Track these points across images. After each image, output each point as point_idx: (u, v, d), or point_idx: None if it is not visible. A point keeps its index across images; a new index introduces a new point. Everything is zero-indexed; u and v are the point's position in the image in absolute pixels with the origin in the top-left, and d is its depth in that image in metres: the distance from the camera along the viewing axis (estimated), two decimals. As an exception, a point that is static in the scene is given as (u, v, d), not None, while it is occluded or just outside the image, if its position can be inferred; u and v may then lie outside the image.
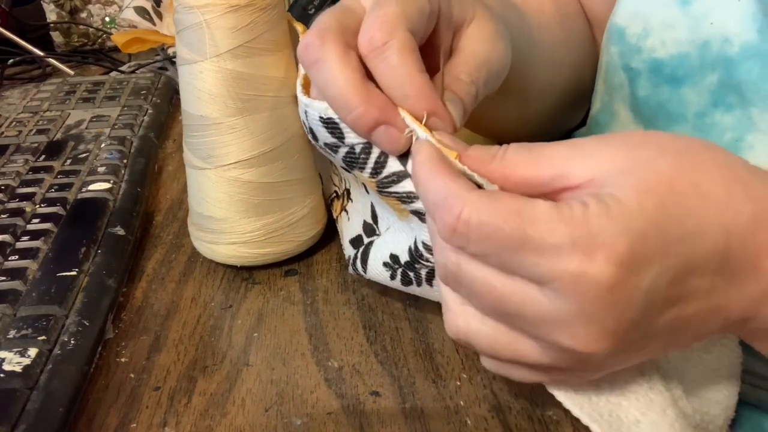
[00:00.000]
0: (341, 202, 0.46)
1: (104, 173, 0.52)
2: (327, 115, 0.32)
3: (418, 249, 0.34)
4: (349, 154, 0.33)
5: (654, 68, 0.44)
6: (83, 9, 0.96)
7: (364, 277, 0.40)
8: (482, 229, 0.25)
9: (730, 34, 0.39)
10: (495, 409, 0.33)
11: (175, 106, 0.72)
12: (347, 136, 0.32)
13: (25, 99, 0.71)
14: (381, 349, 0.37)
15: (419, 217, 0.32)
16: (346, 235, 0.43)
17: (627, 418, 0.30)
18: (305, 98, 0.33)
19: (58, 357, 0.34)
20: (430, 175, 0.27)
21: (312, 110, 0.33)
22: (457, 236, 0.26)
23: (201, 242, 0.44)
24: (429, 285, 0.36)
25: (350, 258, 0.41)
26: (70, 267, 0.40)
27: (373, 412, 0.33)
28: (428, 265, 0.34)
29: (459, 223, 0.25)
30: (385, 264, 0.37)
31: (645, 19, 0.44)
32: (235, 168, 0.40)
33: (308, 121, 0.33)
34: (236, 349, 0.38)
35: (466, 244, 0.26)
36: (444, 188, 0.26)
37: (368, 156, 0.32)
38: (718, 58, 0.40)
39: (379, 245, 0.38)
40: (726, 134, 0.40)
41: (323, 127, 0.33)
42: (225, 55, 0.38)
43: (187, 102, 0.40)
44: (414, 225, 0.34)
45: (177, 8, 0.39)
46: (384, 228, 0.39)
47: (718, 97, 0.41)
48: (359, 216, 0.42)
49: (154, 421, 0.33)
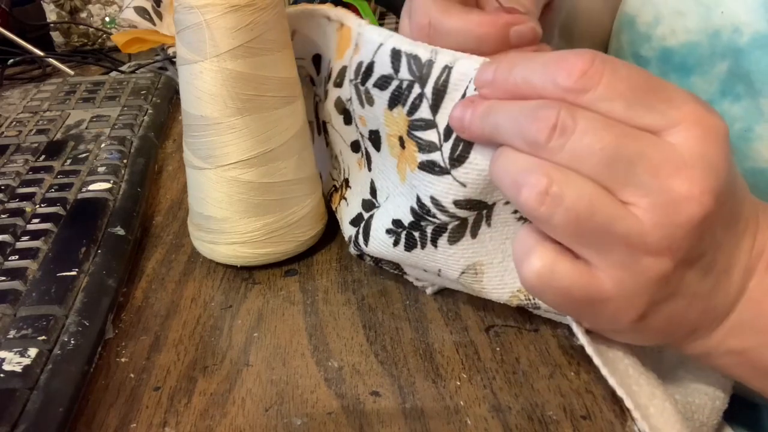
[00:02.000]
0: (340, 192, 0.46)
1: (104, 173, 0.52)
2: (398, 47, 0.34)
3: (424, 205, 0.34)
4: (397, 89, 0.34)
5: (663, 56, 0.44)
6: (83, 9, 0.95)
7: (365, 252, 0.39)
8: (617, 74, 0.26)
9: (741, 23, 0.39)
10: (495, 409, 0.33)
11: (175, 106, 0.72)
12: (402, 70, 0.34)
13: (25, 99, 0.71)
14: (381, 349, 0.37)
15: (429, 170, 0.33)
16: (345, 219, 0.43)
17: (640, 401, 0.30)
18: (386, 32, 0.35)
19: (58, 357, 0.34)
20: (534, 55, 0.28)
21: (395, 40, 0.34)
22: (587, 78, 0.26)
23: (201, 242, 0.44)
24: (434, 246, 0.36)
25: (350, 237, 0.41)
26: (70, 267, 0.40)
27: (373, 412, 0.33)
28: (434, 222, 0.34)
29: (592, 67, 0.26)
30: (388, 231, 0.37)
31: (656, 8, 0.44)
32: (235, 168, 0.40)
33: (375, 55, 0.35)
34: (236, 349, 0.38)
35: (594, 86, 0.26)
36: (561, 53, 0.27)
37: (410, 93, 0.33)
38: (728, 47, 0.40)
39: (380, 214, 0.38)
40: (734, 124, 0.40)
41: (388, 57, 0.34)
42: (225, 55, 0.38)
43: (187, 102, 0.40)
44: (417, 182, 0.34)
45: (177, 8, 0.39)
46: (383, 198, 0.39)
47: (726, 87, 0.41)
48: (358, 197, 0.42)
49: (154, 421, 0.33)
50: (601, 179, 0.26)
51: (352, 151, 0.42)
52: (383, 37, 0.35)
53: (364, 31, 0.37)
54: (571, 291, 0.28)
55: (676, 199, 0.26)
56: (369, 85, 0.36)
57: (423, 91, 0.33)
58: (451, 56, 0.32)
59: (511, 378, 0.35)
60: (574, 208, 0.26)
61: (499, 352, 0.37)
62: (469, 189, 0.32)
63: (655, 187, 0.26)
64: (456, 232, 0.35)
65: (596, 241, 0.27)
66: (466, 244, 0.35)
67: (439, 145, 0.33)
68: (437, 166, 0.33)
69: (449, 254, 0.36)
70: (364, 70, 0.36)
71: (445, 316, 0.40)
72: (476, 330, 0.38)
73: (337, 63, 0.40)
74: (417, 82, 0.33)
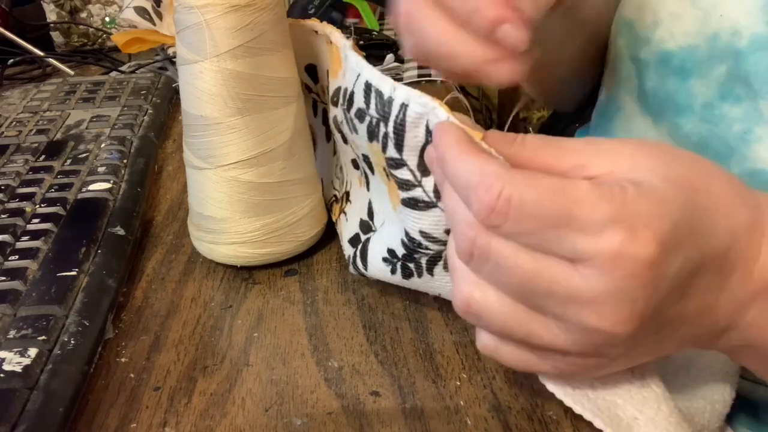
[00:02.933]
0: (340, 205, 0.46)
1: (104, 173, 0.52)
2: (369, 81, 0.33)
3: (414, 239, 0.34)
4: (369, 124, 0.34)
5: (662, 60, 0.44)
6: (83, 9, 0.95)
7: (366, 275, 0.40)
8: (523, 208, 0.25)
9: (739, 26, 0.39)
10: (495, 409, 0.33)
11: (175, 106, 0.72)
12: (371, 105, 0.33)
13: (25, 99, 0.71)
14: (381, 349, 0.37)
15: (412, 206, 0.33)
16: (344, 236, 0.44)
17: (625, 414, 0.30)
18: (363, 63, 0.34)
19: (58, 357, 0.34)
20: (461, 154, 0.27)
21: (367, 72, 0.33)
22: (496, 215, 0.25)
23: (201, 242, 0.44)
24: (430, 274, 0.36)
25: (350, 257, 0.41)
26: (70, 267, 0.40)
27: (373, 412, 0.33)
28: (428, 253, 0.34)
29: (499, 202, 0.25)
30: (384, 259, 0.37)
31: (654, 11, 0.44)
32: (235, 168, 0.40)
33: (355, 84, 0.34)
34: (236, 349, 0.38)
35: (503, 222, 0.25)
36: (479, 167, 0.26)
37: (378, 131, 0.33)
38: (727, 50, 0.40)
39: (376, 241, 0.38)
40: (734, 126, 0.40)
41: (362, 90, 0.34)
42: (225, 55, 0.38)
43: (187, 102, 0.40)
44: (403, 216, 0.34)
45: (177, 8, 0.39)
46: (379, 223, 0.39)
47: (726, 89, 0.41)
48: (356, 216, 0.42)
49: (154, 421, 0.33)
50: (520, 301, 0.27)
51: (353, 167, 0.42)
52: (360, 67, 0.34)
53: (348, 55, 0.36)
54: (519, 366, 0.30)
55: (588, 329, 0.26)
56: (352, 114, 0.35)
57: (387, 129, 0.32)
58: (406, 93, 0.31)
59: (511, 378, 0.35)
60: (491, 323, 0.28)
61: (499, 352, 0.37)
62: None
63: (567, 319, 0.26)
64: None
65: (525, 343, 0.28)
66: None
67: (416, 181, 0.32)
68: (420, 201, 0.32)
69: (446, 281, 0.36)
70: (347, 98, 0.36)
71: (445, 316, 0.40)
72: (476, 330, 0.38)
73: (333, 82, 0.40)
74: (382, 120, 0.32)
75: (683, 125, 0.43)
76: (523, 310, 0.27)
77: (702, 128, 0.42)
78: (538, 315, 0.27)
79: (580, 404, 0.30)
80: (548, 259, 0.26)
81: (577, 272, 0.25)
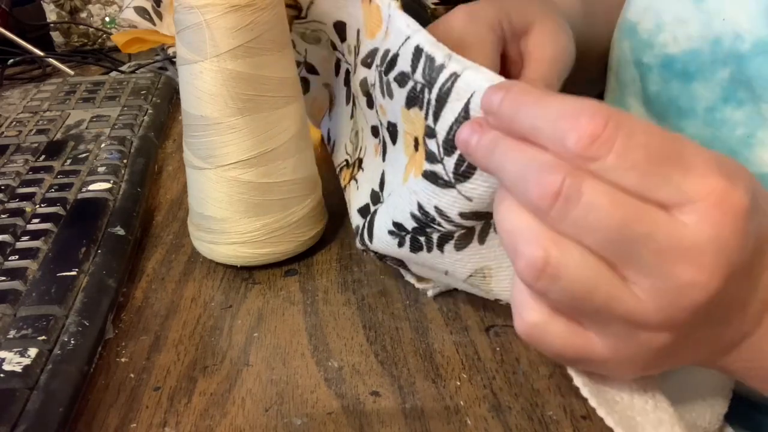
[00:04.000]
0: (351, 170, 0.45)
1: (104, 173, 0.52)
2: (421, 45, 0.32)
3: (428, 213, 0.33)
4: (412, 90, 0.33)
5: (665, 63, 0.44)
6: (83, 9, 0.95)
7: (370, 248, 0.39)
8: (632, 139, 0.23)
9: (742, 30, 0.39)
10: (495, 409, 0.33)
11: (175, 106, 0.72)
12: (418, 70, 0.32)
13: (25, 99, 0.71)
14: (381, 349, 0.37)
15: (433, 181, 0.32)
16: (354, 205, 0.43)
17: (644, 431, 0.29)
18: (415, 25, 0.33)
19: (58, 357, 0.34)
20: (544, 96, 0.25)
21: (420, 36, 0.32)
22: (598, 145, 0.23)
23: (201, 242, 0.44)
24: (440, 251, 0.35)
25: (358, 228, 0.40)
26: (70, 267, 0.40)
27: (373, 412, 0.33)
28: (440, 230, 0.34)
29: (606, 131, 0.23)
30: (390, 232, 0.36)
31: (657, 15, 0.44)
32: (235, 168, 0.40)
33: (402, 48, 0.33)
34: (236, 349, 0.38)
35: (606, 153, 0.23)
36: (573, 102, 0.24)
37: (423, 97, 0.32)
38: (730, 53, 0.40)
39: (382, 213, 0.38)
40: (737, 130, 0.40)
41: (410, 54, 0.33)
42: (225, 55, 0.38)
43: (187, 102, 0.40)
44: (417, 188, 0.33)
45: (177, 8, 0.39)
46: (387, 194, 0.39)
47: (729, 93, 0.41)
48: (368, 184, 0.41)
49: (154, 421, 0.33)
50: (604, 255, 0.25)
51: (372, 134, 0.41)
52: (411, 29, 0.33)
53: (394, 16, 0.35)
54: (564, 350, 0.27)
55: (681, 285, 0.24)
56: (390, 78, 0.34)
57: (429, 96, 0.31)
58: (461, 65, 0.30)
59: (511, 378, 0.35)
60: (570, 287, 0.25)
61: (499, 352, 0.37)
62: (475, 203, 0.31)
63: (660, 272, 0.24)
64: (463, 240, 0.34)
65: (593, 315, 0.26)
66: (473, 249, 0.34)
67: (439, 157, 0.31)
68: (440, 178, 0.31)
69: (456, 259, 0.35)
70: (389, 60, 0.34)
71: (445, 316, 0.40)
72: (476, 330, 0.38)
73: (368, 42, 0.38)
74: (427, 86, 0.31)
75: (686, 129, 0.43)
76: (607, 272, 0.25)
77: (705, 132, 0.42)
78: (621, 280, 0.25)
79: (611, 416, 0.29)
80: (645, 207, 0.24)
81: (676, 219, 0.24)
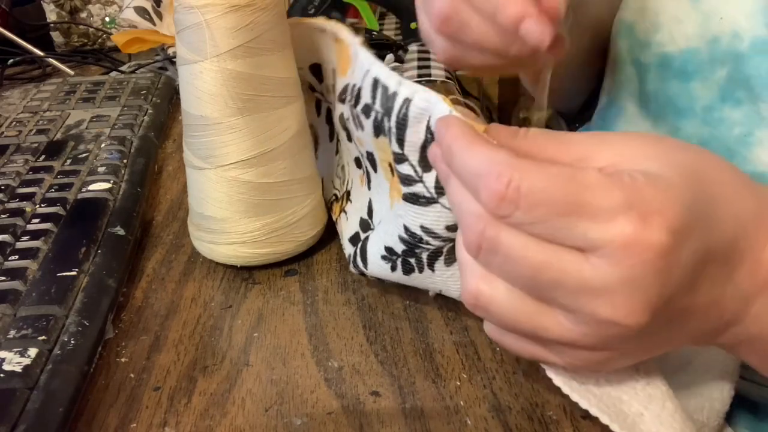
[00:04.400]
0: (340, 204, 0.46)
1: (104, 173, 0.52)
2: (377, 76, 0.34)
3: (414, 234, 0.34)
4: (375, 119, 0.34)
5: (663, 63, 0.44)
6: (83, 9, 0.95)
7: (366, 273, 0.40)
8: (534, 196, 0.25)
9: (740, 29, 0.39)
10: (495, 409, 0.33)
11: (175, 106, 0.72)
12: (377, 100, 0.33)
13: (25, 99, 0.71)
14: (381, 349, 0.37)
15: (413, 202, 0.33)
16: (345, 235, 0.44)
17: (630, 410, 0.30)
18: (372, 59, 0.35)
19: (58, 357, 0.34)
20: (469, 145, 0.27)
21: (376, 68, 0.34)
22: (506, 204, 0.25)
23: (201, 242, 0.44)
24: (431, 269, 0.36)
25: (350, 256, 0.41)
26: (70, 267, 0.40)
27: (373, 412, 0.33)
28: (428, 248, 0.34)
29: (509, 191, 0.25)
30: (383, 257, 0.37)
31: (655, 14, 0.44)
32: (235, 168, 0.40)
33: (363, 81, 0.35)
34: (236, 349, 0.38)
35: (513, 211, 0.25)
36: (488, 156, 0.26)
37: (383, 125, 0.33)
38: (728, 53, 0.40)
39: (374, 240, 0.38)
40: (735, 129, 0.40)
41: (370, 85, 0.34)
42: (225, 55, 0.38)
43: (187, 102, 0.40)
44: (402, 212, 0.34)
45: (177, 8, 0.39)
46: (377, 221, 0.40)
47: (726, 92, 0.41)
48: (357, 214, 0.42)
49: (154, 421, 0.33)
50: (529, 293, 0.27)
51: (356, 166, 0.43)
52: (369, 62, 0.35)
53: (359, 52, 0.37)
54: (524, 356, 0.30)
55: (600, 321, 0.25)
56: (358, 110, 0.36)
57: (389, 124, 0.32)
58: (411, 89, 0.31)
59: (511, 378, 0.35)
60: (499, 317, 0.28)
61: (499, 352, 0.37)
62: None
63: (578, 309, 0.26)
64: (451, 254, 0.35)
65: (529, 336, 0.28)
66: None
67: (418, 177, 0.32)
68: (421, 197, 0.32)
69: (447, 276, 0.36)
70: (356, 94, 0.36)
71: (445, 316, 0.40)
72: (476, 330, 0.38)
73: (341, 80, 0.40)
74: (386, 115, 0.33)
75: (684, 128, 0.43)
76: (531, 304, 0.27)
77: (703, 131, 0.42)
78: (547, 308, 0.27)
79: (586, 399, 0.30)
80: (558, 250, 0.25)
81: (588, 262, 0.25)
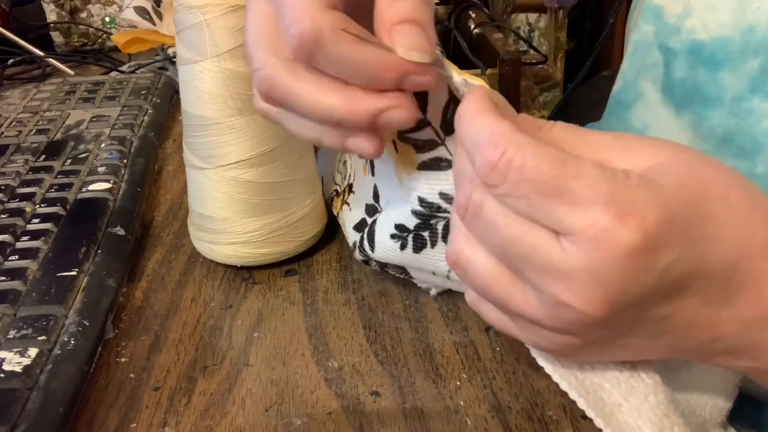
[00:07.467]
0: (342, 197, 0.46)
1: (104, 173, 0.52)
2: None
3: (432, 203, 0.34)
4: None
5: (693, 50, 0.43)
6: (83, 9, 0.95)
7: (372, 257, 0.39)
8: (523, 172, 0.25)
9: None
10: (495, 409, 0.33)
11: (175, 106, 0.72)
12: None
13: (25, 99, 0.71)
14: (381, 349, 0.37)
15: (433, 167, 0.33)
16: (348, 225, 0.43)
17: (610, 399, 0.30)
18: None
19: (58, 357, 0.34)
20: (479, 114, 0.27)
21: None
22: (495, 174, 0.26)
23: (201, 242, 0.44)
24: (444, 242, 0.36)
25: (355, 243, 0.41)
26: (70, 267, 0.40)
27: (373, 412, 0.33)
28: (446, 216, 0.35)
29: (501, 162, 0.25)
30: (392, 236, 0.37)
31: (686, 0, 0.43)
32: (235, 168, 0.40)
33: None
34: (236, 349, 0.38)
35: (501, 182, 0.26)
36: (490, 127, 0.26)
37: None
38: (763, 43, 0.39)
39: (383, 220, 0.38)
40: (763, 121, 0.40)
41: None
42: (225, 55, 0.38)
43: (187, 102, 0.40)
44: (418, 183, 0.34)
45: (177, 8, 0.39)
46: (384, 202, 0.39)
47: (757, 83, 0.40)
48: (361, 202, 0.42)
49: (154, 421, 0.33)
50: (502, 261, 0.28)
51: (359, 156, 0.43)
52: None
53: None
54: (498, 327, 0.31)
55: (558, 302, 0.26)
56: None
57: None
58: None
59: (511, 378, 0.35)
60: (474, 280, 0.29)
61: (499, 352, 0.37)
62: None
63: (541, 287, 0.26)
64: None
65: (501, 307, 0.29)
66: None
67: (440, 139, 0.33)
68: (443, 160, 0.33)
69: None
70: None
71: (445, 316, 0.40)
72: (476, 330, 0.38)
73: None
74: None
75: (710, 118, 0.42)
76: (505, 274, 0.28)
77: (730, 122, 0.41)
78: (519, 282, 0.27)
79: (566, 381, 0.30)
80: (534, 227, 0.26)
81: (559, 245, 0.25)
